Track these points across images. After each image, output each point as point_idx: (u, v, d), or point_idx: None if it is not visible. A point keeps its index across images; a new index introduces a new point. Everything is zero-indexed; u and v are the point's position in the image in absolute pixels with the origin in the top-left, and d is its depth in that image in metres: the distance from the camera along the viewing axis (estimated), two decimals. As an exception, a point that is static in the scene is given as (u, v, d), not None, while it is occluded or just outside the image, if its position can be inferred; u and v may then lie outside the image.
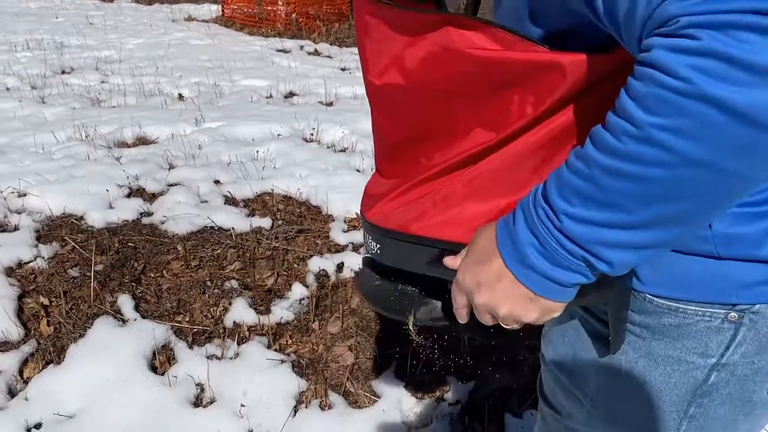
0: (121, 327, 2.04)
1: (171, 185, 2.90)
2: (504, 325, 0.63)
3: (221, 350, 2.01)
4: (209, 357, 1.98)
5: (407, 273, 0.77)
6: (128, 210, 2.66)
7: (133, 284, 2.25)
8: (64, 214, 2.62)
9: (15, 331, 1.97)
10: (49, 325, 2.05)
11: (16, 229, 2.49)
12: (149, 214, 2.68)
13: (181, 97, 4.68)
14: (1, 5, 9.38)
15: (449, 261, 0.66)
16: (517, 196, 0.63)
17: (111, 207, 2.67)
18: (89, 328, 2.03)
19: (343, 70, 5.81)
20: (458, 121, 0.65)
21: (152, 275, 2.32)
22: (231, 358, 1.98)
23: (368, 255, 0.80)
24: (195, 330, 2.09)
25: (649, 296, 0.66)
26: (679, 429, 0.70)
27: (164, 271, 2.35)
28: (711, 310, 0.64)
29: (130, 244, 2.46)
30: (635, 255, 0.53)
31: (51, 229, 2.52)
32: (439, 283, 0.74)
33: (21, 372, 1.88)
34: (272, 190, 2.87)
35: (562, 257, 0.54)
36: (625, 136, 0.47)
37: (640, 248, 0.52)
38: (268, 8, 7.98)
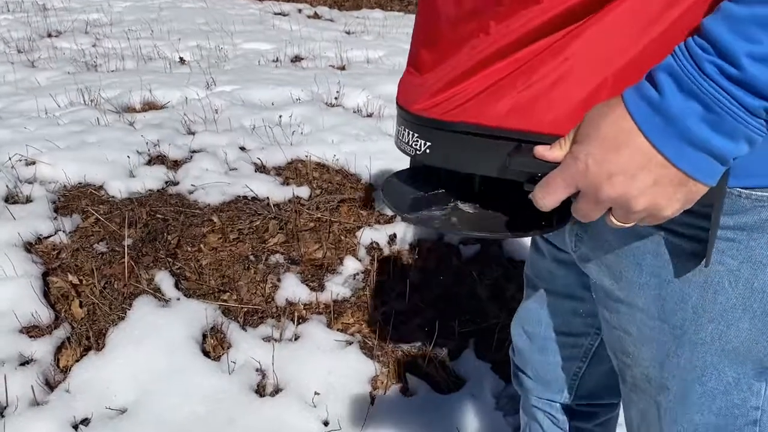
0: (163, 307, 1.82)
1: (194, 152, 2.65)
2: (622, 222, 0.53)
3: (278, 332, 1.80)
4: (266, 339, 1.78)
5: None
6: (151, 179, 2.41)
7: (170, 260, 2.03)
8: (80, 183, 2.37)
9: (45, 314, 1.74)
10: (81, 306, 1.82)
11: (29, 200, 2.24)
12: (175, 183, 2.43)
13: (182, 60, 4.38)
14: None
15: (545, 152, 0.54)
16: (629, 66, 0.52)
17: (132, 175, 2.42)
18: (128, 309, 1.81)
19: (348, 33, 5.53)
20: None
21: (189, 249, 2.10)
22: (290, 340, 1.78)
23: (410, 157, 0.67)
24: (245, 309, 1.88)
25: (745, 191, 0.56)
26: None
27: (201, 245, 2.12)
28: None
29: (159, 215, 2.23)
30: None
31: (68, 200, 2.27)
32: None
33: (57, 360, 1.66)
34: (307, 156, 2.64)
35: (738, 119, 0.44)
36: None
37: None
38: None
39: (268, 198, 2.38)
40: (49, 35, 5.12)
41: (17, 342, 1.65)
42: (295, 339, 1.79)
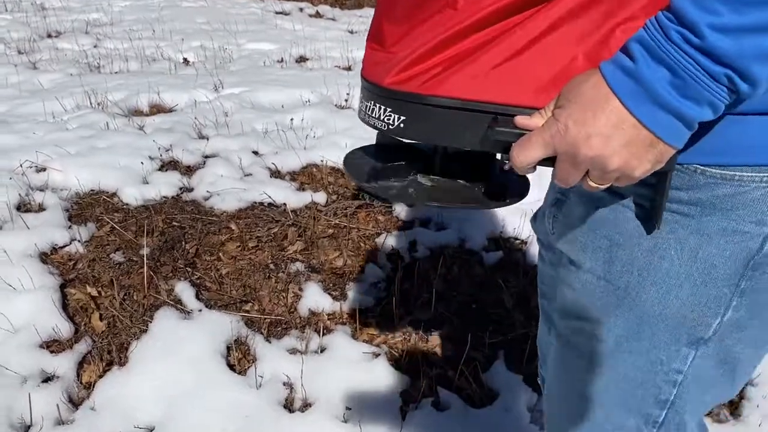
0: (185, 319, 1.78)
1: (207, 157, 2.61)
2: (597, 184, 0.56)
3: (303, 343, 1.77)
4: (291, 351, 1.74)
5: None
6: (166, 185, 2.37)
7: (189, 269, 1.99)
8: (93, 190, 2.33)
9: (65, 328, 1.70)
10: (101, 319, 1.78)
11: (41, 208, 2.19)
12: (189, 189, 2.39)
13: (186, 61, 4.33)
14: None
15: (525, 121, 0.57)
16: (595, 41, 0.56)
17: (146, 182, 2.38)
18: (149, 321, 1.77)
19: (351, 33, 5.48)
20: None
21: (207, 258, 2.06)
22: (316, 352, 1.75)
23: (380, 131, 0.67)
24: (268, 320, 1.84)
25: (701, 167, 0.60)
26: (729, 305, 0.65)
27: (220, 254, 2.08)
28: None
29: (175, 223, 2.19)
30: None
31: (82, 208, 2.23)
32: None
33: (79, 376, 1.61)
34: (322, 161, 2.60)
35: (701, 84, 0.48)
36: None
37: None
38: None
39: (284, 204, 2.35)
40: (49, 36, 5.05)
41: (38, 357, 1.61)
42: (321, 351, 1.75)
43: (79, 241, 2.04)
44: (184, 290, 1.89)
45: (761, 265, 0.63)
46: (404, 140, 0.68)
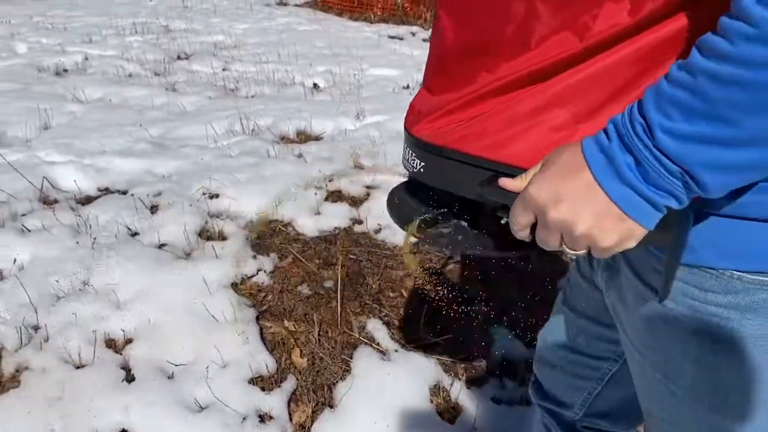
0: (384, 360, 1.75)
1: (369, 187, 2.60)
2: (570, 250, 0.58)
3: (504, 393, 1.70)
4: (495, 400, 1.68)
5: (442, 195, 0.77)
6: (336, 216, 2.37)
7: (376, 306, 1.96)
8: (268, 219, 2.35)
9: (270, 363, 1.70)
10: (302, 356, 1.77)
11: (222, 236, 2.23)
12: (359, 221, 2.38)
13: (316, 86, 4.39)
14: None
15: (507, 182, 0.62)
16: (595, 121, 0.59)
17: (318, 212, 2.39)
18: (349, 360, 1.74)
19: (469, 58, 5.45)
20: (534, 27, 0.59)
21: (391, 294, 2.03)
22: (519, 404, 1.68)
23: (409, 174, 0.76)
24: (464, 365, 1.79)
25: (737, 273, 0.61)
26: None
27: (402, 290, 2.05)
28: None
29: (352, 256, 2.18)
30: (735, 178, 0.49)
31: (261, 237, 2.25)
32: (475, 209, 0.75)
33: (290, 416, 1.60)
34: (487, 195, 2.55)
35: (660, 175, 0.51)
36: (739, 37, 0.44)
37: (741, 170, 0.49)
38: (367, -7, 7.67)
39: (454, 240, 2.30)
40: (179, 57, 5.26)
41: (251, 395, 1.61)
42: (527, 403, 1.68)
43: (264, 271, 2.06)
44: (376, 328, 1.86)
45: None
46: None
